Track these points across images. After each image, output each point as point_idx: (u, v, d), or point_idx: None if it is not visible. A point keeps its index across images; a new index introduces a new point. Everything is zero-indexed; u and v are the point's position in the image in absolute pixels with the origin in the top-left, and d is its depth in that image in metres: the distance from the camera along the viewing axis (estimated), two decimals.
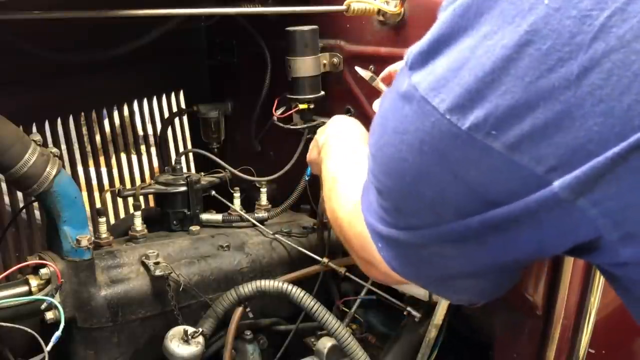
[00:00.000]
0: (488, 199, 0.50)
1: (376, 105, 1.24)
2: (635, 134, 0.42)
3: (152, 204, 1.71)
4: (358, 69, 1.34)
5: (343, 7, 1.31)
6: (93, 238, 1.25)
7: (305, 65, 1.45)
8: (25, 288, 1.13)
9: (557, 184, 0.46)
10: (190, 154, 2.09)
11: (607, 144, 0.43)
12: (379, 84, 1.29)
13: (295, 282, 1.32)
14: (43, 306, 1.11)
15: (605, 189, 0.45)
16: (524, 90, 0.45)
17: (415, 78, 0.51)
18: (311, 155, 1.20)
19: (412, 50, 0.53)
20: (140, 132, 2.00)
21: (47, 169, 1.11)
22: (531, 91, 0.45)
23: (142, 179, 2.01)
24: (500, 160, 0.47)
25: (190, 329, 1.20)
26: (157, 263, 1.26)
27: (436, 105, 0.49)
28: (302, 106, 1.48)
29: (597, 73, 0.43)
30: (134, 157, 1.99)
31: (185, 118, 2.01)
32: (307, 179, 1.48)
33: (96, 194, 1.84)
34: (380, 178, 0.57)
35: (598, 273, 1.06)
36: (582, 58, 0.43)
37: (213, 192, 1.55)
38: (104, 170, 1.89)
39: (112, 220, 1.86)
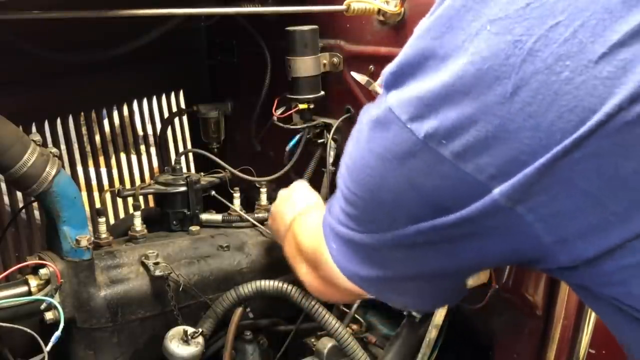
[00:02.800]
0: (438, 205, 0.55)
1: None
2: (558, 147, 0.47)
3: (152, 204, 1.71)
4: (354, 74, 1.35)
5: (343, 7, 1.31)
6: (93, 238, 1.24)
7: (305, 65, 1.45)
8: (24, 288, 1.13)
9: (496, 191, 0.51)
10: (190, 154, 2.09)
11: (536, 156, 0.48)
12: (375, 87, 1.29)
13: (295, 282, 1.32)
14: (43, 306, 1.11)
15: (537, 196, 0.50)
16: (469, 104, 0.50)
17: (388, 94, 0.57)
18: (276, 225, 1.25)
19: (385, 71, 0.59)
20: (140, 132, 2.00)
21: (47, 169, 1.11)
22: (474, 106, 0.50)
23: (142, 179, 2.01)
24: (449, 167, 0.52)
25: (190, 329, 1.20)
26: (156, 263, 1.26)
27: (398, 114, 0.54)
28: (302, 106, 1.48)
29: (527, 91, 0.48)
30: (134, 157, 1.99)
31: (185, 118, 2.01)
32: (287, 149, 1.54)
33: (96, 194, 1.83)
34: (349, 184, 0.62)
35: None
36: (515, 78, 0.48)
37: (213, 192, 1.55)
38: (103, 170, 1.89)
39: (112, 220, 1.86)
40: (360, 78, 1.35)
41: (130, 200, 1.66)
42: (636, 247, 0.50)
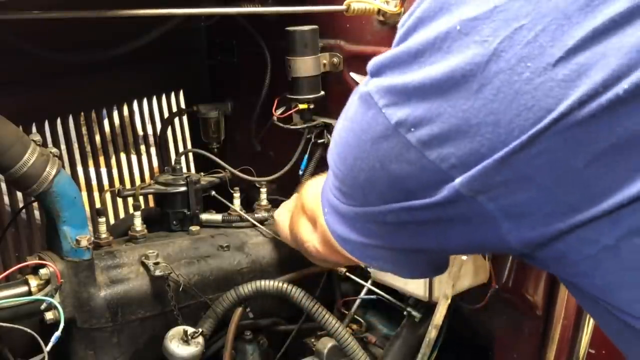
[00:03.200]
0: (405, 189, 0.59)
1: None
2: (515, 142, 0.50)
3: (152, 204, 1.71)
4: (353, 74, 1.35)
5: (343, 7, 1.31)
6: (93, 238, 1.24)
7: (305, 65, 1.45)
8: (24, 288, 1.13)
9: (457, 180, 0.54)
10: (190, 154, 2.09)
11: (495, 150, 0.52)
12: None
13: (295, 282, 1.32)
14: (43, 306, 1.11)
15: (497, 188, 0.53)
16: (437, 98, 0.54)
17: (370, 81, 0.60)
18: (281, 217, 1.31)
19: (372, 61, 0.61)
20: (140, 132, 2.00)
21: (47, 169, 1.11)
22: (442, 100, 0.53)
23: (142, 179, 2.01)
24: (415, 154, 0.56)
25: (190, 329, 1.20)
26: (156, 263, 1.26)
27: (376, 100, 0.58)
28: (302, 106, 1.48)
29: (490, 89, 0.51)
30: (134, 157, 1.99)
31: (185, 118, 2.01)
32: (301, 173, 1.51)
33: (96, 194, 1.83)
34: (334, 158, 0.67)
35: None
36: (480, 76, 0.51)
37: (213, 192, 1.55)
38: (103, 170, 1.89)
39: (112, 220, 1.86)
40: (360, 79, 1.35)
41: (130, 200, 1.66)
42: (589, 236, 0.53)
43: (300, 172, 1.54)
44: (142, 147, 2.07)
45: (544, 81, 0.49)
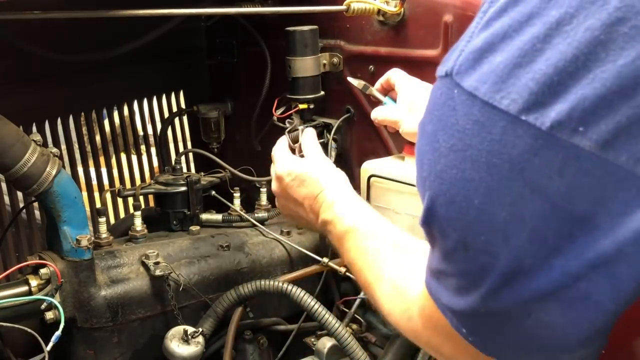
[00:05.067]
0: (574, 215, 0.41)
1: (375, 112, 1.24)
2: None
3: (152, 204, 1.71)
4: (350, 79, 1.35)
5: (343, 7, 1.32)
6: (93, 238, 1.24)
7: (305, 65, 1.45)
8: (25, 288, 1.13)
9: None
10: (190, 154, 2.09)
11: None
12: (372, 91, 1.29)
13: (295, 282, 1.32)
14: (43, 306, 1.11)
15: None
16: (618, 75, 0.38)
17: (468, 83, 0.44)
18: (294, 212, 1.07)
19: (457, 55, 0.46)
20: (140, 132, 2.00)
21: (47, 169, 1.11)
22: (627, 75, 0.38)
23: (142, 179, 2.01)
24: (591, 161, 0.40)
25: (190, 329, 1.20)
26: (157, 263, 1.26)
27: (505, 107, 0.42)
28: (302, 106, 1.48)
29: None
30: (134, 157, 1.99)
31: (185, 118, 2.01)
32: None
33: (96, 194, 1.84)
34: (443, 212, 0.48)
35: None
36: None
37: (213, 192, 1.55)
38: (104, 170, 1.89)
39: (112, 220, 1.86)
40: (357, 83, 1.35)
41: (130, 200, 1.66)
42: None
43: None
44: (142, 147, 2.07)
45: None
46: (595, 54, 0.39)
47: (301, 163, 1.07)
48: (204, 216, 1.52)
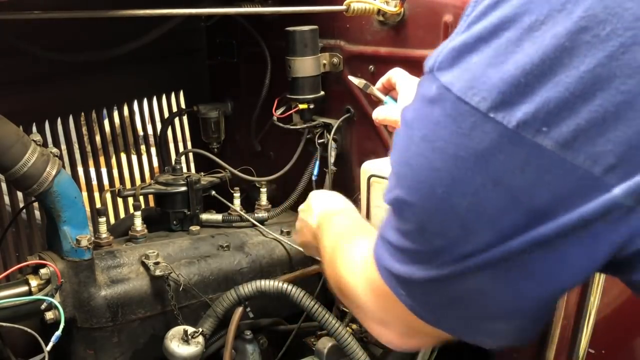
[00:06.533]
0: (533, 209, 0.44)
1: (377, 112, 1.24)
2: None
3: (152, 204, 1.71)
4: (351, 77, 1.34)
5: (343, 7, 1.31)
6: (93, 238, 1.25)
7: (305, 65, 1.45)
8: (25, 288, 1.13)
9: (617, 189, 0.41)
10: (190, 154, 2.09)
11: None
12: (373, 90, 1.29)
13: (295, 282, 1.32)
14: (43, 306, 1.11)
15: None
16: (580, 80, 0.41)
17: (445, 78, 0.47)
18: (304, 237, 1.11)
19: (439, 52, 0.49)
20: (140, 132, 2.00)
21: (47, 169, 1.11)
22: (587, 81, 0.40)
23: (142, 179, 2.02)
24: (552, 160, 0.42)
25: (190, 329, 1.20)
26: (157, 263, 1.26)
27: (476, 104, 0.44)
28: (302, 106, 1.48)
29: None
30: (134, 157, 1.99)
31: (185, 118, 2.01)
32: (314, 179, 1.50)
33: (96, 194, 1.84)
34: (405, 195, 0.51)
35: (598, 273, 1.06)
36: None
37: (213, 192, 1.55)
38: (104, 170, 1.90)
39: (112, 220, 1.86)
40: (358, 82, 1.35)
41: (130, 200, 1.66)
42: None
43: (314, 179, 1.51)
44: (142, 147, 2.07)
45: None
46: (560, 59, 0.41)
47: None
48: (204, 216, 1.52)
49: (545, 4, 0.42)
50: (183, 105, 1.99)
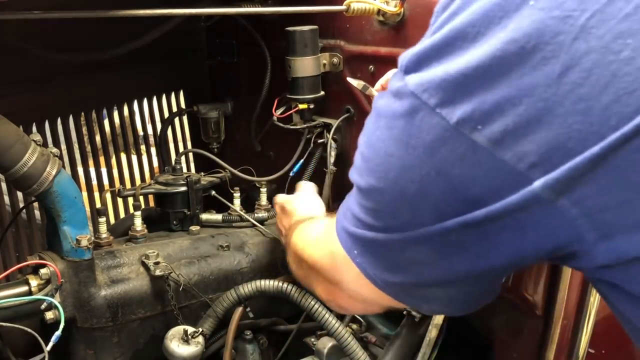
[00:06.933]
0: (469, 197, 0.50)
1: None
2: (613, 134, 0.43)
3: (152, 204, 1.71)
4: (350, 79, 1.35)
5: (343, 7, 1.31)
6: (93, 238, 1.25)
7: (305, 65, 1.45)
8: (25, 288, 1.13)
9: (538, 183, 0.47)
10: (190, 154, 2.09)
11: (586, 143, 0.44)
12: (372, 92, 1.29)
13: (295, 282, 1.32)
14: (43, 306, 1.11)
15: (584, 189, 0.46)
16: (509, 86, 0.46)
17: (408, 77, 0.53)
18: (280, 223, 1.29)
19: (406, 55, 0.55)
20: (140, 132, 2.00)
21: (47, 169, 1.11)
22: (515, 88, 0.46)
23: (142, 179, 2.02)
24: (484, 155, 0.48)
25: (190, 329, 1.20)
26: (157, 263, 1.26)
27: (426, 100, 0.50)
28: (302, 106, 1.48)
29: (578, 72, 0.44)
30: (134, 157, 1.99)
31: (185, 118, 2.02)
32: (291, 175, 1.52)
33: (96, 194, 1.84)
34: (365, 175, 0.58)
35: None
36: (564, 57, 0.44)
37: (213, 192, 1.55)
38: (104, 170, 1.90)
39: (112, 220, 1.86)
40: (357, 83, 1.35)
41: (130, 200, 1.66)
42: None
43: (292, 174, 1.54)
44: (142, 147, 2.07)
45: None
46: (493, 67, 0.47)
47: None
48: (204, 216, 1.52)
49: (485, 19, 0.48)
50: (183, 105, 1.99)
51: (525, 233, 0.50)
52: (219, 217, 1.52)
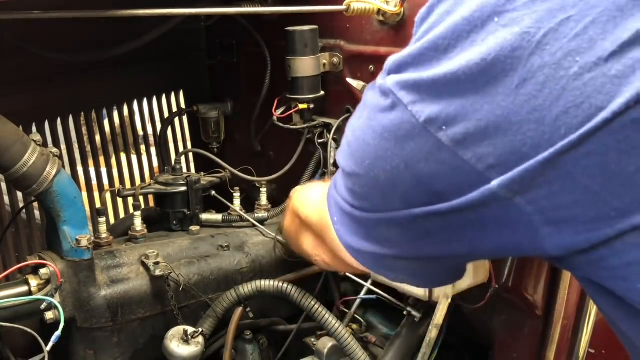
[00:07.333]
0: (433, 191, 0.55)
1: None
2: (562, 142, 0.48)
3: (152, 203, 1.71)
4: (350, 80, 1.35)
5: (343, 7, 1.31)
6: (93, 238, 1.25)
7: (305, 65, 1.45)
8: (25, 288, 1.13)
9: (495, 182, 0.51)
10: (190, 154, 2.09)
11: (539, 149, 0.49)
12: None
13: (295, 282, 1.32)
14: (43, 306, 1.11)
15: (538, 189, 0.50)
16: (473, 94, 0.51)
17: (390, 77, 0.58)
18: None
19: (389, 60, 0.60)
20: (140, 132, 2.00)
21: (47, 169, 1.11)
22: (478, 96, 0.51)
23: (142, 179, 2.02)
24: (448, 154, 0.53)
25: (190, 329, 1.20)
26: (156, 263, 1.26)
27: (401, 97, 0.55)
28: (302, 106, 1.48)
29: (533, 85, 0.49)
30: (134, 157, 1.99)
31: (185, 118, 2.01)
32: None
33: (96, 194, 1.84)
34: (347, 158, 0.64)
35: None
36: (522, 70, 0.49)
37: (213, 192, 1.55)
38: (104, 170, 1.90)
39: (112, 220, 1.86)
40: (357, 84, 1.35)
41: (130, 200, 1.66)
42: (637, 241, 0.50)
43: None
44: (142, 147, 2.07)
45: (594, 77, 0.47)
46: (459, 76, 0.52)
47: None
48: (204, 216, 1.52)
49: (455, 33, 0.53)
50: (183, 105, 1.99)
51: (485, 226, 0.55)
52: (218, 217, 1.52)
